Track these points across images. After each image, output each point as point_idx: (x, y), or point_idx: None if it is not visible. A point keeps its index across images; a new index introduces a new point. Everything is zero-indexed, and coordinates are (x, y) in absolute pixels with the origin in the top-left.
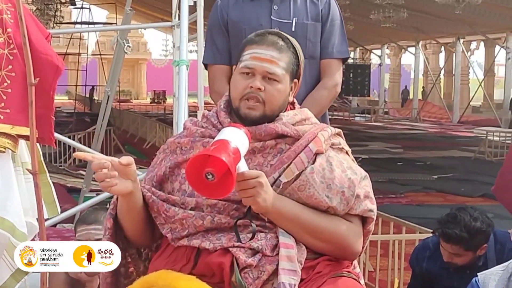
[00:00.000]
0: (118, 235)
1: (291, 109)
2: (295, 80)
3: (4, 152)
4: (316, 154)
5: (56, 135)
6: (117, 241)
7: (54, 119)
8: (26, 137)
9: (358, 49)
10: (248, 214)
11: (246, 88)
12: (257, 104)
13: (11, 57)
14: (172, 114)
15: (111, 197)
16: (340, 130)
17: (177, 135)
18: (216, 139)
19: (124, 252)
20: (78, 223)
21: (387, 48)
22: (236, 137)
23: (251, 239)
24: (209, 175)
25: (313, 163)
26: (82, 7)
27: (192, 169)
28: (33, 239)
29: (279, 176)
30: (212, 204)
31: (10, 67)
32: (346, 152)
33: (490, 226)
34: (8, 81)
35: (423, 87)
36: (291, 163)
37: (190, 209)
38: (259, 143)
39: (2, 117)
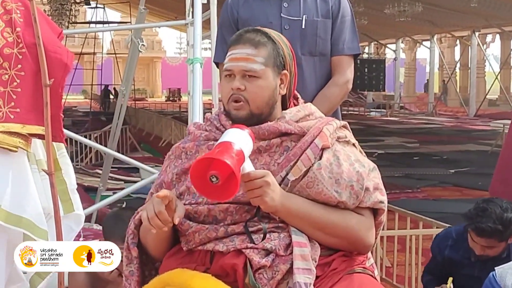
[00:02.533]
0: (143, 260)
1: (294, 105)
2: (284, 72)
3: (16, 151)
4: (323, 149)
5: (73, 134)
6: (144, 267)
7: (63, 116)
8: (38, 136)
9: (372, 43)
10: (258, 215)
11: (230, 91)
12: (241, 104)
13: (20, 57)
14: (187, 111)
15: (128, 196)
16: (346, 123)
17: (182, 140)
18: (219, 141)
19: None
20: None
21: (402, 42)
22: (239, 138)
23: (263, 239)
24: (213, 178)
25: (320, 158)
26: (96, 7)
27: (196, 173)
28: (79, 234)
29: (287, 174)
30: (223, 209)
31: (19, 66)
32: (353, 145)
33: None
34: (18, 81)
35: (443, 80)
36: (297, 160)
37: (204, 218)
38: (264, 142)
39: (12, 117)
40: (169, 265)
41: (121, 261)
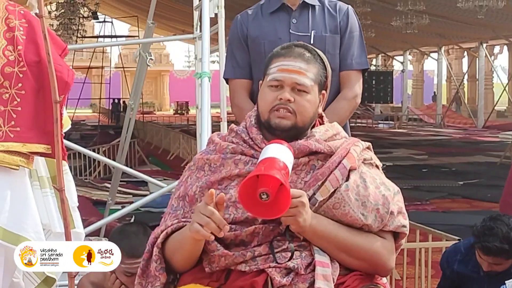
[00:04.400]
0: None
1: (320, 123)
2: (323, 91)
3: (17, 169)
4: (350, 171)
5: (81, 148)
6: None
7: (64, 134)
8: (39, 154)
9: (380, 56)
10: (287, 234)
11: (275, 100)
12: (288, 114)
13: (21, 75)
14: (195, 125)
15: (136, 210)
16: (369, 144)
17: (205, 150)
18: (262, 157)
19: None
20: (128, 257)
21: (410, 54)
22: (282, 154)
23: (289, 259)
24: (263, 195)
25: (347, 180)
26: (104, 21)
27: (245, 193)
28: None
29: (314, 193)
30: (250, 232)
31: (20, 85)
32: (377, 167)
33: None
34: (18, 99)
35: (457, 91)
36: (325, 180)
37: (230, 242)
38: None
39: (12, 136)
40: (184, 281)
41: (126, 275)
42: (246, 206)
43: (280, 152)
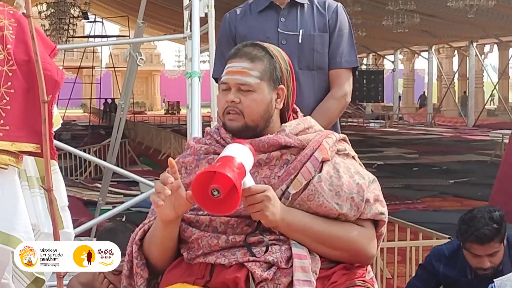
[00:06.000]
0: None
1: (293, 118)
2: (281, 86)
3: (6, 168)
4: (323, 162)
5: (72, 148)
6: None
7: (54, 133)
8: (28, 153)
9: (371, 55)
10: (259, 228)
11: (225, 103)
12: (236, 115)
13: (10, 74)
14: (186, 125)
15: (127, 210)
16: (345, 136)
17: (182, 155)
18: (220, 156)
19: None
20: None
21: (400, 53)
22: (241, 153)
23: (265, 252)
24: (215, 191)
25: (320, 171)
26: (95, 21)
27: (198, 187)
28: None
29: (287, 187)
30: (225, 221)
31: (9, 83)
32: (353, 157)
33: (502, 211)
34: (7, 98)
35: (464, 92)
36: (298, 173)
37: (204, 227)
38: (264, 155)
39: (1, 134)
40: (169, 279)
41: (114, 273)
42: (198, 200)
43: (238, 152)
